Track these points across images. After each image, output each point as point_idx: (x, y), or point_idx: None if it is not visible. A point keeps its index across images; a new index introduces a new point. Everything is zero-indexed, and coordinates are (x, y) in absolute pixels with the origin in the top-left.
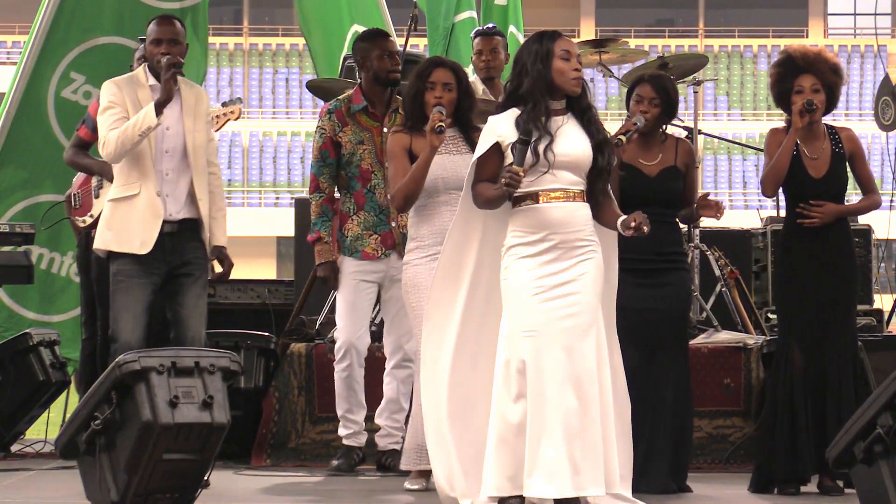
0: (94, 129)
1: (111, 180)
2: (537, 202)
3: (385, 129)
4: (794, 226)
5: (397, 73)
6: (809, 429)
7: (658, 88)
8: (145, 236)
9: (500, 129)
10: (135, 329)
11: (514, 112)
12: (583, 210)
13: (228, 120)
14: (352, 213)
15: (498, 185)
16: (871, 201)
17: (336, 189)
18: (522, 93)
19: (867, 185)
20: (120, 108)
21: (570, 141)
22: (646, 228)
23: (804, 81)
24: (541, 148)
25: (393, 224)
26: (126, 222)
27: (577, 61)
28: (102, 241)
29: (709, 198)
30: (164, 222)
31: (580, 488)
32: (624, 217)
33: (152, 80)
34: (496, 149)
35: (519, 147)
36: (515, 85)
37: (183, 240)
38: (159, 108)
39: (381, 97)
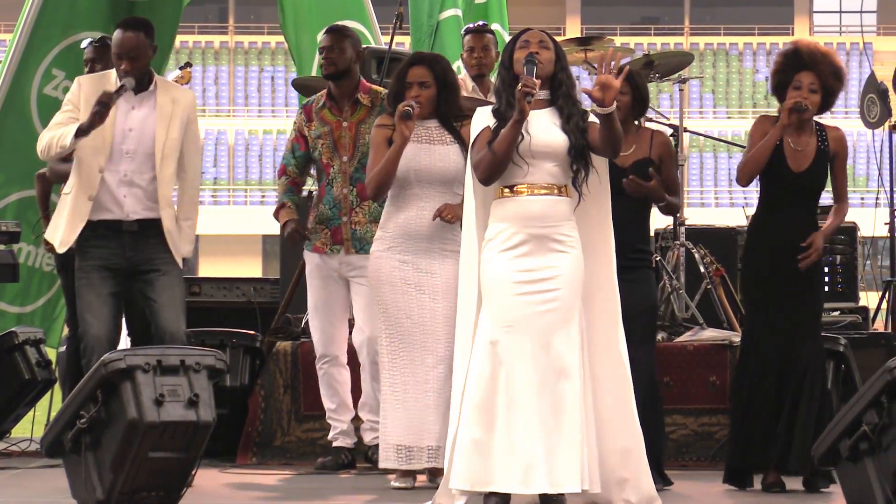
0: None
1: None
2: (518, 195)
3: (344, 124)
4: (763, 216)
5: (329, 68)
6: (775, 418)
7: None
8: (66, 236)
9: (489, 117)
10: (101, 322)
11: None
12: (563, 205)
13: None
14: (315, 205)
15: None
16: (842, 213)
17: (304, 178)
18: (496, 90)
19: (840, 192)
20: (72, 108)
21: (541, 130)
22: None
23: (804, 78)
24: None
25: (344, 219)
26: (57, 219)
27: (539, 45)
28: (49, 234)
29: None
30: (122, 221)
31: (555, 485)
32: None
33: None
34: (488, 132)
35: (527, 65)
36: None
37: (145, 237)
38: (79, 133)
39: (340, 92)
